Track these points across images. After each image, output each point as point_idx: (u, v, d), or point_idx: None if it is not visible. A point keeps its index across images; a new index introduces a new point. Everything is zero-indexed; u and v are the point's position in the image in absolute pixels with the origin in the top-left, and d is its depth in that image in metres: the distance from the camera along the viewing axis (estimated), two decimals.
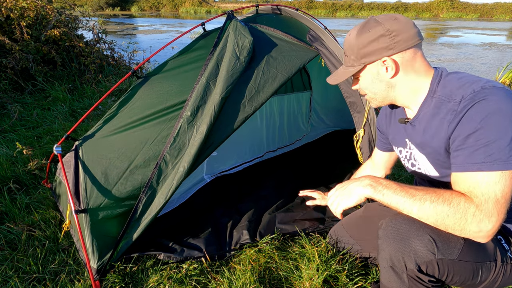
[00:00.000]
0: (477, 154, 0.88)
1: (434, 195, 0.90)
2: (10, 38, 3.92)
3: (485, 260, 1.00)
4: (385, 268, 1.06)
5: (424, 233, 0.96)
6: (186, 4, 43.76)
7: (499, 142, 0.85)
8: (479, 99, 0.90)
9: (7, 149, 2.54)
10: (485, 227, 0.84)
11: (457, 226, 0.87)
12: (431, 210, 0.90)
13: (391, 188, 0.96)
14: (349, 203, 1.05)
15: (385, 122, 1.36)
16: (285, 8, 2.05)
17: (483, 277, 1.00)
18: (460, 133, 0.93)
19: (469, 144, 0.90)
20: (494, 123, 0.86)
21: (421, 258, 0.96)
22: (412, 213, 0.93)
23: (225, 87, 1.45)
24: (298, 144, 2.99)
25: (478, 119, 0.88)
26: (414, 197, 0.92)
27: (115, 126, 1.55)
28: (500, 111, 0.87)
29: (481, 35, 16.83)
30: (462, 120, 0.92)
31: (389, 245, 1.02)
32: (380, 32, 1.00)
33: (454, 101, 0.97)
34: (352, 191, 1.04)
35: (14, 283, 1.39)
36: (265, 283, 1.41)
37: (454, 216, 0.87)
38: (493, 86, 0.92)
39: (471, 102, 0.91)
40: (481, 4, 40.53)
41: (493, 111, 0.87)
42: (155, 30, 15.52)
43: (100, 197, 1.44)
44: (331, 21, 27.62)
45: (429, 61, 5.29)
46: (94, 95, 4.04)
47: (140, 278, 1.43)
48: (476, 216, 0.85)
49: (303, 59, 1.66)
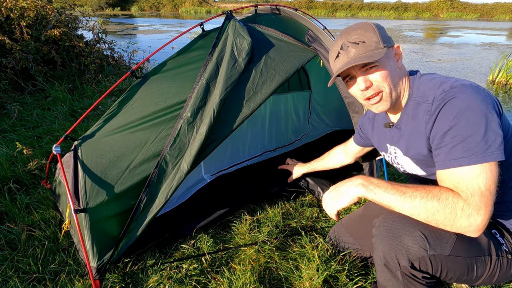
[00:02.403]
0: (456, 150, 0.91)
1: (424, 192, 0.92)
2: (10, 38, 3.92)
3: (479, 254, 1.01)
4: (379, 266, 1.07)
5: (415, 230, 0.98)
6: (186, 4, 43.77)
7: (474, 137, 0.88)
8: (450, 98, 0.94)
9: (7, 149, 2.54)
10: (475, 221, 0.86)
11: (448, 221, 0.89)
12: (422, 206, 0.91)
13: (382, 187, 0.98)
14: (342, 204, 1.06)
15: (369, 126, 1.40)
16: (284, 8, 2.05)
17: (479, 272, 1.01)
18: (437, 132, 0.96)
19: (447, 142, 0.93)
20: (466, 119, 0.90)
21: (413, 254, 0.97)
22: (404, 210, 0.95)
23: (224, 88, 1.46)
24: (298, 144, 2.98)
25: (451, 117, 0.92)
26: (404, 195, 0.94)
27: (115, 126, 1.55)
28: (470, 107, 0.90)
29: (481, 35, 16.83)
30: (437, 120, 0.96)
31: (382, 243, 1.04)
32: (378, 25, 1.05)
33: (427, 102, 1.01)
34: (345, 192, 1.05)
35: (14, 283, 1.40)
36: (265, 283, 1.41)
37: (444, 211, 0.88)
38: (461, 84, 0.96)
39: (443, 102, 0.95)
40: (481, 4, 40.52)
41: (464, 108, 0.91)
42: (155, 30, 15.52)
43: (100, 197, 1.44)
44: (331, 21, 27.63)
45: (429, 61, 5.25)
46: (94, 95, 4.04)
47: (140, 278, 1.43)
48: (464, 210, 0.86)
49: (301, 59, 1.66)
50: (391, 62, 1.04)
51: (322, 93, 3.15)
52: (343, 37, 1.05)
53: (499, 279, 1.04)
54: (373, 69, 1.02)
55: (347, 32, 1.05)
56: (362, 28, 1.03)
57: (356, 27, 1.05)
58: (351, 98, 1.74)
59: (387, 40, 1.03)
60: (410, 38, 14.47)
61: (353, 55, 1.02)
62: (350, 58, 1.02)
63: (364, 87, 1.04)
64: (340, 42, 1.05)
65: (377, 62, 1.01)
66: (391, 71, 1.03)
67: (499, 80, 6.16)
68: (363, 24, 1.04)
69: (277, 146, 2.87)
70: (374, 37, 1.01)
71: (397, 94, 1.07)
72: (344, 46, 1.03)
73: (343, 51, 1.04)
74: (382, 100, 1.06)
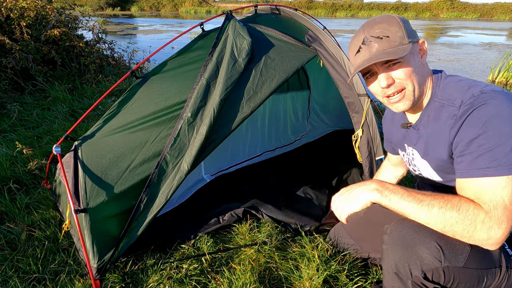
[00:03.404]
0: (481, 160, 0.86)
1: (443, 201, 0.88)
2: (10, 38, 3.92)
3: (491, 266, 0.98)
4: (389, 273, 1.04)
5: (431, 240, 0.94)
6: (186, 4, 43.75)
7: (503, 147, 0.84)
8: (479, 103, 0.89)
9: (7, 149, 2.54)
10: (495, 234, 0.82)
11: (466, 233, 0.85)
12: (439, 216, 0.87)
13: (398, 193, 0.93)
14: (354, 207, 1.00)
15: (389, 126, 1.33)
16: (284, 8, 2.06)
17: (488, 284, 0.99)
18: (462, 138, 0.91)
19: (472, 150, 0.88)
20: (496, 127, 0.85)
21: (427, 265, 0.94)
22: (420, 219, 0.90)
23: (224, 88, 1.46)
24: (298, 144, 2.99)
25: (479, 124, 0.87)
26: (421, 203, 0.89)
27: (115, 126, 1.55)
28: (501, 115, 0.85)
29: (481, 35, 16.83)
30: (464, 126, 0.91)
31: (395, 251, 1.00)
32: (403, 18, 0.97)
33: (453, 105, 0.95)
34: (358, 196, 1.00)
35: (14, 283, 1.40)
36: (265, 283, 1.41)
37: (463, 222, 0.84)
38: (492, 90, 0.91)
39: (472, 107, 0.90)
40: (481, 4, 40.52)
41: (494, 116, 0.86)
42: (155, 30, 15.51)
43: (100, 197, 1.44)
44: (331, 21, 27.63)
45: (429, 61, 5.26)
46: (94, 95, 4.04)
47: (140, 278, 1.43)
48: (485, 223, 0.82)
49: (301, 59, 1.66)
50: (415, 58, 0.97)
51: (322, 93, 3.15)
52: (365, 30, 0.98)
53: None
54: (396, 66, 0.96)
55: (369, 25, 0.98)
56: (386, 22, 0.95)
57: (380, 20, 0.97)
58: (350, 98, 1.74)
59: (412, 35, 0.96)
60: None
61: (376, 51, 0.95)
62: (372, 53, 0.95)
63: (385, 84, 0.98)
64: (362, 36, 0.98)
65: (401, 59, 0.94)
66: (415, 68, 0.97)
67: (499, 80, 6.16)
68: (387, 17, 0.97)
69: (277, 146, 2.87)
70: (399, 31, 0.93)
71: (420, 93, 1.00)
72: (367, 41, 0.96)
73: (365, 46, 0.97)
74: (404, 99, 1.00)
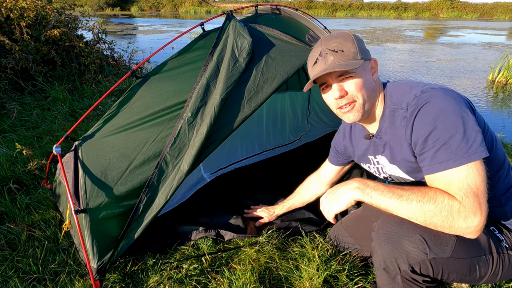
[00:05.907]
0: (440, 154, 0.91)
1: (420, 194, 0.92)
2: (10, 38, 3.92)
3: (480, 254, 1.00)
4: (379, 270, 1.07)
5: (415, 233, 0.97)
6: (186, 4, 43.78)
7: (455, 138, 0.89)
8: (423, 103, 0.96)
9: (7, 149, 2.54)
10: (472, 222, 0.86)
11: (446, 224, 0.88)
12: (418, 209, 0.91)
13: (378, 190, 0.98)
14: (339, 207, 1.07)
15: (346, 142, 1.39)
16: (284, 8, 2.05)
17: (482, 272, 1.01)
18: (418, 137, 0.97)
19: (429, 146, 0.94)
20: (443, 122, 0.91)
21: (413, 258, 0.97)
22: (401, 214, 0.94)
23: (225, 88, 1.45)
24: (297, 143, 2.98)
25: (428, 122, 0.93)
26: (401, 198, 0.94)
27: (115, 126, 1.55)
28: (445, 109, 0.92)
29: (481, 35, 16.84)
30: (414, 125, 0.97)
31: (381, 247, 1.03)
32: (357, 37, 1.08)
33: (402, 108, 1.03)
34: (341, 195, 1.06)
35: (14, 283, 1.39)
36: (265, 283, 1.41)
37: (441, 214, 0.88)
38: (431, 88, 0.98)
39: (417, 108, 0.97)
40: (481, 4, 40.53)
41: (438, 112, 0.92)
42: (155, 30, 15.51)
43: (100, 197, 1.44)
44: (331, 21, 27.63)
45: (429, 61, 5.28)
46: (94, 95, 4.04)
47: (140, 278, 1.43)
48: (461, 212, 0.86)
49: (302, 59, 1.66)
50: (367, 74, 1.06)
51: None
52: (323, 44, 1.06)
53: (503, 276, 1.04)
54: (349, 79, 1.04)
55: (327, 40, 1.07)
56: (342, 37, 1.05)
57: (336, 35, 1.07)
58: None
59: (364, 53, 1.05)
60: (410, 37, 14.47)
61: (331, 62, 1.03)
62: (327, 65, 1.03)
63: (338, 95, 1.05)
64: (319, 48, 1.07)
65: (353, 72, 1.03)
66: (366, 82, 1.05)
67: (499, 80, 6.16)
68: (344, 34, 1.06)
69: (276, 146, 2.87)
70: (353, 47, 1.03)
71: (370, 106, 1.08)
72: (323, 53, 1.05)
73: (321, 58, 1.05)
74: (354, 110, 1.07)
